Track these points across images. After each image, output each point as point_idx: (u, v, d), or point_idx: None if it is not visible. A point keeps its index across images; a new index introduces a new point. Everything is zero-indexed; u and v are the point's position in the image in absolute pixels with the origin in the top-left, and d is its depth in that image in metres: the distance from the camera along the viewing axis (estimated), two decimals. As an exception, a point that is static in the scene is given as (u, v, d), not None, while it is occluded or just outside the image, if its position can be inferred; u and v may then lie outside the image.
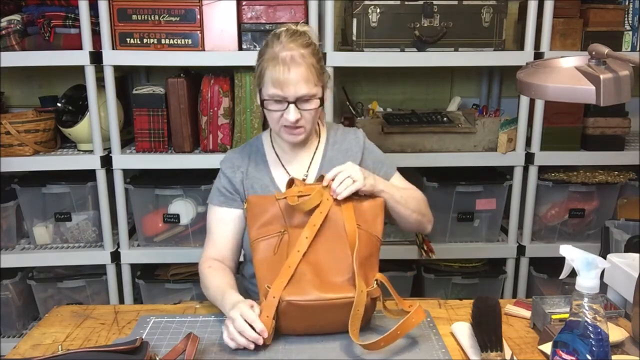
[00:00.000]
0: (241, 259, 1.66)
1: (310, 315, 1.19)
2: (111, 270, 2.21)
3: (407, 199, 1.44)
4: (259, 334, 1.15)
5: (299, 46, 1.33)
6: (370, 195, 1.36)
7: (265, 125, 2.14)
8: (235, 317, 1.17)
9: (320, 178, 1.36)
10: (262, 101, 1.39)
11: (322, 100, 1.38)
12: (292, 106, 1.33)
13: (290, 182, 1.34)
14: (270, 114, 1.38)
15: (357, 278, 1.19)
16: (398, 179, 1.55)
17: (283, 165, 1.49)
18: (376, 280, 1.24)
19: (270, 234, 1.30)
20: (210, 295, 1.37)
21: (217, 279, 1.37)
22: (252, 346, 1.16)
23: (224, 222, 1.46)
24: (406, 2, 2.06)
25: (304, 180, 1.43)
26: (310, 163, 1.49)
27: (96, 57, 2.03)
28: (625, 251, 1.88)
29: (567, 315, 0.99)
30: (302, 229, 1.28)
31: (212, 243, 1.46)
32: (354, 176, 1.30)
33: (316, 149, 1.51)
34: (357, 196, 1.33)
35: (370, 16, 2.05)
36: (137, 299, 2.31)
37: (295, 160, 1.49)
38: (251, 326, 1.16)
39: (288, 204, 1.29)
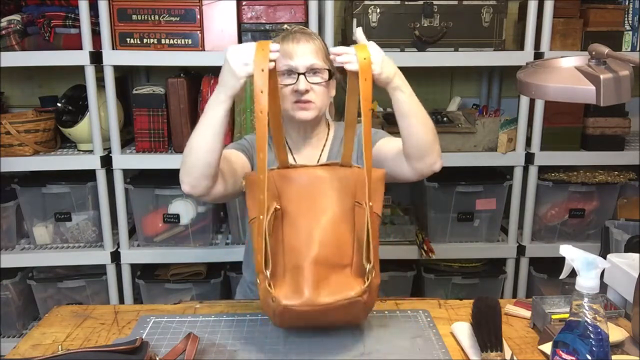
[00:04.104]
0: (240, 258, 1.65)
1: (309, 316, 1.14)
2: (111, 270, 2.22)
3: (423, 111, 1.30)
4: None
5: (308, 31, 1.48)
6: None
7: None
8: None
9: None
10: None
11: (330, 73, 1.43)
12: (302, 77, 1.40)
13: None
14: (282, 91, 1.42)
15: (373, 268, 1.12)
16: (389, 139, 1.47)
17: (293, 155, 1.50)
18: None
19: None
20: (198, 127, 1.30)
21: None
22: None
23: (229, 155, 1.41)
24: (406, 2, 2.06)
25: None
26: (319, 158, 1.51)
27: (96, 57, 2.03)
28: (625, 251, 1.88)
29: (567, 315, 0.99)
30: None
31: None
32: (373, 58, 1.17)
33: (324, 144, 1.53)
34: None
35: (370, 16, 2.05)
36: (137, 299, 2.31)
37: (304, 151, 1.51)
38: None
39: (280, 172, 1.22)
